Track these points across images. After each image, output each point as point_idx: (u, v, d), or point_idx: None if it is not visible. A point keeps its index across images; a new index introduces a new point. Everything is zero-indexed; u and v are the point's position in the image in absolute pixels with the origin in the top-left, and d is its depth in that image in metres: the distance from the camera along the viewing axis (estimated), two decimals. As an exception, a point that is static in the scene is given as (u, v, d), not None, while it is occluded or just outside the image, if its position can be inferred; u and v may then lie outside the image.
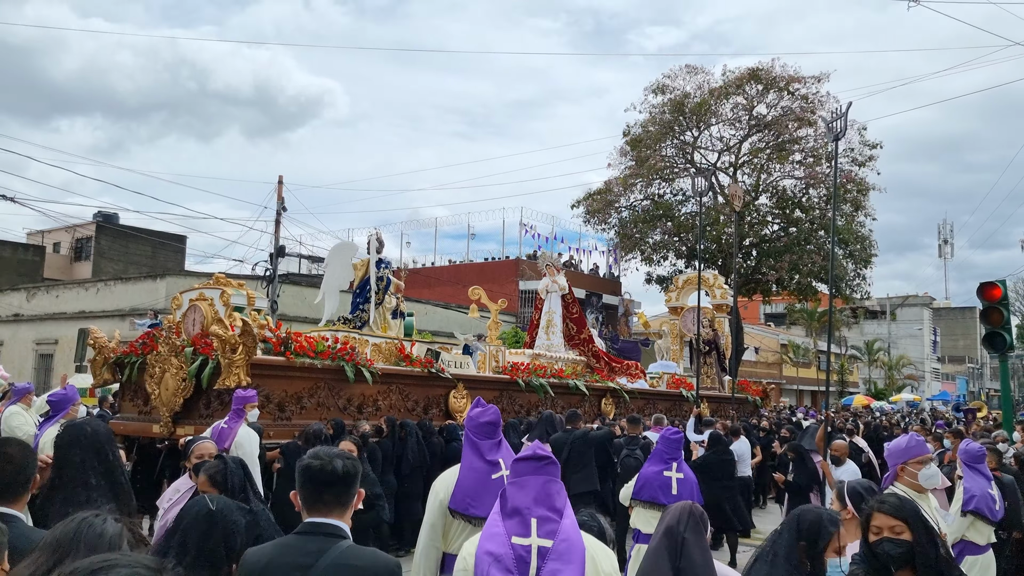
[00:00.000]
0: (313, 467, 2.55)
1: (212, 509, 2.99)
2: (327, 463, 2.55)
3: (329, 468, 2.54)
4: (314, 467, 2.55)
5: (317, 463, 2.56)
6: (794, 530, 3.05)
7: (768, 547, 3.11)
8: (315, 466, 2.55)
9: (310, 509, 2.55)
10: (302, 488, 2.57)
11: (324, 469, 2.54)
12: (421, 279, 34.38)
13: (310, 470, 2.55)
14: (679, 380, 16.15)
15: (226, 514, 3.00)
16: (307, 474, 2.55)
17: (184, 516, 3.05)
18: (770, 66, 29.59)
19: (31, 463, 3.01)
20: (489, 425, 4.02)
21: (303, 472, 2.57)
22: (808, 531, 3.02)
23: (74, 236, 38.40)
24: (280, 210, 20.83)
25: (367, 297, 11.21)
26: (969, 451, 6.31)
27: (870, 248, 30.14)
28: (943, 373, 74.01)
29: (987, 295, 11.90)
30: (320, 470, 2.54)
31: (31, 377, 24.30)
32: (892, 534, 2.96)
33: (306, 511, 2.55)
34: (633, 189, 31.12)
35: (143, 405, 9.43)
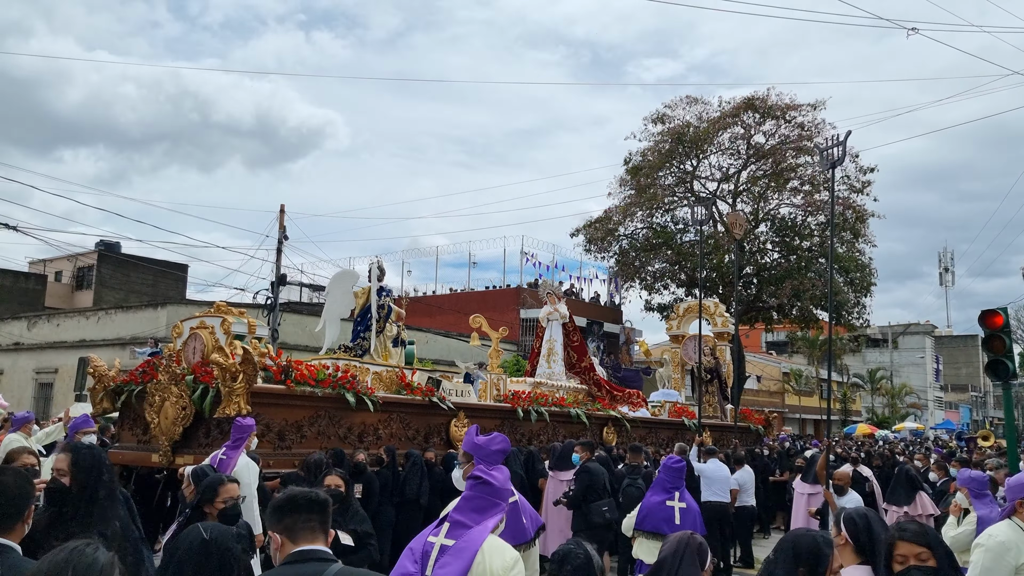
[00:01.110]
0: (298, 496, 2.66)
1: (206, 538, 2.95)
2: (309, 492, 2.70)
3: (313, 495, 2.67)
4: (299, 495, 2.66)
5: (300, 491, 2.69)
6: (791, 556, 3.00)
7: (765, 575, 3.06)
8: (299, 494, 2.67)
9: (296, 538, 2.60)
10: (286, 517, 2.62)
11: (308, 496, 2.66)
12: (422, 307, 34.36)
13: (296, 499, 2.64)
14: (681, 409, 16.07)
15: (221, 542, 2.97)
16: (293, 503, 2.64)
17: (178, 547, 3.02)
18: (766, 95, 29.87)
19: (27, 493, 2.96)
20: (500, 453, 3.92)
21: (288, 502, 2.65)
22: (808, 556, 2.97)
23: (76, 265, 38.48)
24: (282, 239, 20.89)
25: (368, 325, 11.20)
26: (975, 479, 6.29)
27: (870, 276, 30.16)
28: (946, 402, 73.68)
29: (989, 323, 11.85)
30: (305, 497, 2.65)
31: (30, 406, 24.21)
32: (918, 561, 2.92)
33: (291, 542, 2.59)
34: (633, 217, 31.25)
35: (142, 434, 9.37)
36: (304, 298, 32.42)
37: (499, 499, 3.41)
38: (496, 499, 3.39)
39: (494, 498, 3.38)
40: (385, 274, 11.81)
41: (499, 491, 3.43)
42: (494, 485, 3.41)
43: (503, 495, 3.45)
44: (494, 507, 3.35)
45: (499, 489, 3.43)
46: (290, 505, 2.63)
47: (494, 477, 3.46)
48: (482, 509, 3.34)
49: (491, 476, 3.45)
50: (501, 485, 3.45)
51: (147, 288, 36.83)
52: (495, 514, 3.33)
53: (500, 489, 3.44)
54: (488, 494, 3.39)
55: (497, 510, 3.36)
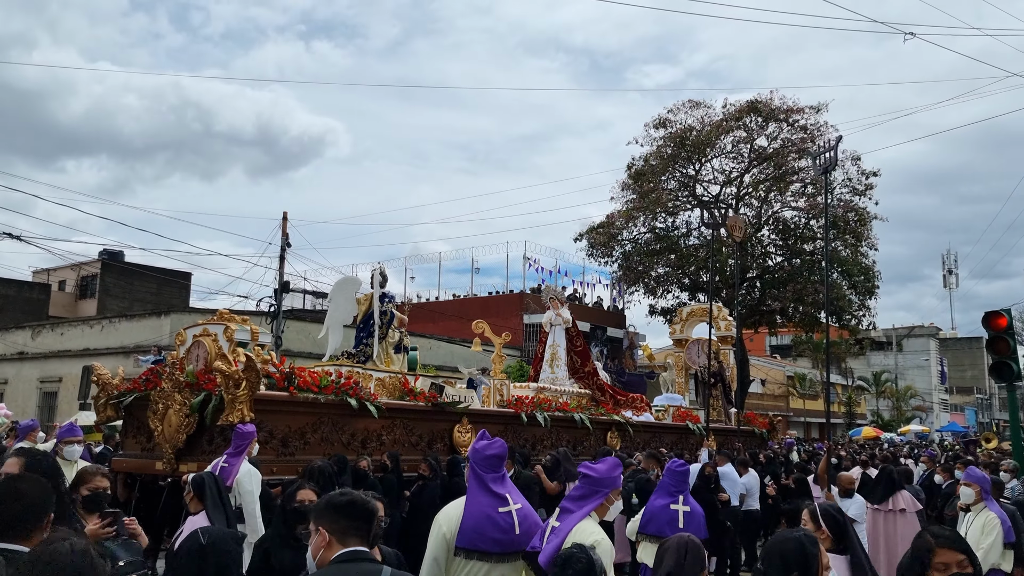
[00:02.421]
0: (358, 502, 2.81)
1: (204, 543, 2.96)
2: (367, 500, 2.84)
3: (371, 505, 2.83)
4: (359, 503, 2.81)
5: (361, 498, 2.83)
6: (779, 564, 2.99)
7: None
8: (360, 502, 2.81)
9: (347, 539, 2.71)
10: (343, 519, 2.75)
11: (367, 506, 2.81)
12: (425, 314, 34.39)
13: (355, 504, 2.79)
14: (685, 413, 16.04)
15: (219, 546, 2.98)
16: (353, 509, 2.77)
17: (178, 553, 3.03)
18: (769, 98, 29.90)
19: (46, 501, 2.96)
20: (495, 458, 4.07)
21: (348, 506, 2.78)
22: (797, 561, 2.97)
23: (79, 274, 38.57)
24: (284, 246, 20.92)
25: (371, 332, 11.20)
26: (990, 480, 6.32)
27: (873, 278, 30.10)
28: (951, 404, 73.43)
29: (992, 324, 11.85)
30: (364, 504, 2.80)
31: (35, 415, 24.24)
32: (960, 569, 2.90)
33: (339, 543, 2.71)
34: (636, 222, 31.27)
35: (146, 442, 9.37)
36: (307, 305, 32.43)
37: (600, 487, 4.00)
38: (597, 488, 4.00)
39: (596, 487, 4.00)
40: (387, 280, 11.82)
41: (600, 481, 4.01)
42: (595, 477, 4.02)
43: (604, 484, 4.01)
44: (595, 495, 3.98)
45: (600, 479, 4.02)
46: (349, 509, 2.75)
47: (596, 470, 4.06)
48: (584, 497, 3.99)
49: (593, 470, 4.06)
50: (601, 476, 4.03)
51: (151, 296, 36.90)
52: (595, 501, 3.97)
53: (600, 479, 4.02)
54: (591, 484, 4.02)
55: (597, 497, 3.98)
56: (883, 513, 8.57)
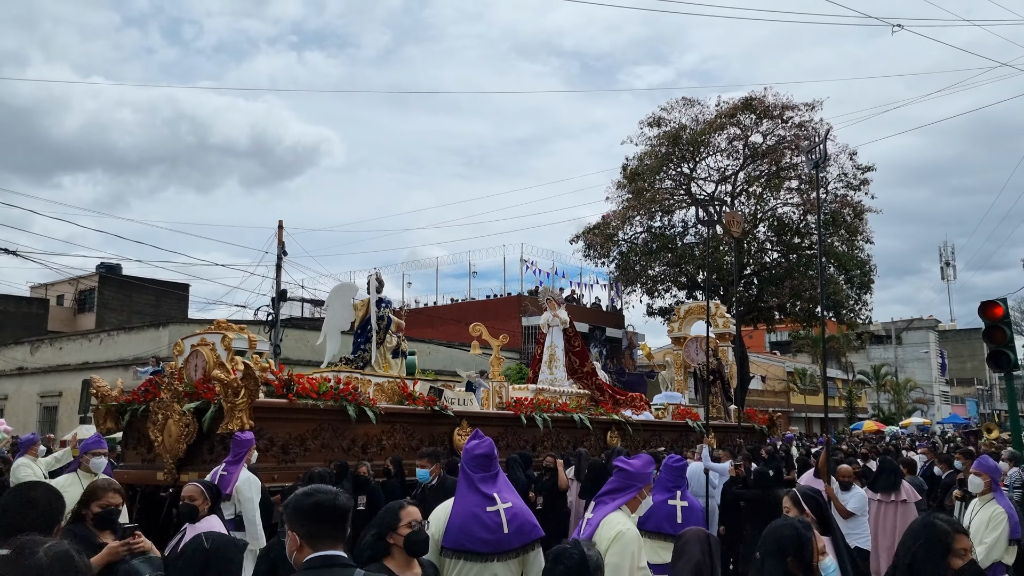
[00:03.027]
0: (325, 503, 2.64)
1: (207, 548, 2.97)
2: (334, 497, 2.67)
3: (339, 502, 2.66)
4: (326, 505, 2.64)
5: (327, 498, 2.66)
6: (775, 551, 3.04)
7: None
8: (326, 503, 2.64)
9: (317, 543, 2.60)
10: (310, 523, 2.62)
11: (335, 503, 2.65)
12: (424, 319, 34.40)
13: (322, 506, 2.63)
14: (684, 411, 16.05)
15: (222, 552, 2.99)
16: (319, 511, 2.63)
17: (180, 555, 3.03)
18: (763, 95, 29.95)
19: (57, 510, 3.05)
20: (484, 458, 4.09)
21: (315, 508, 2.63)
22: (792, 547, 3.02)
23: (77, 288, 38.57)
24: (281, 254, 20.96)
25: (368, 337, 11.22)
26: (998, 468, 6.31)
27: (870, 273, 30.14)
28: (952, 396, 73.48)
29: (988, 314, 11.89)
30: (332, 504, 2.64)
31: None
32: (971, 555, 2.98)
33: (310, 546, 2.60)
34: (632, 222, 31.31)
35: (146, 453, 9.39)
36: (306, 313, 32.45)
37: (633, 481, 4.26)
38: (631, 482, 4.26)
39: (629, 481, 4.26)
40: (384, 285, 11.84)
41: (634, 476, 4.26)
42: (629, 471, 4.28)
43: (637, 479, 4.27)
44: (628, 488, 4.24)
45: (634, 474, 4.27)
46: (316, 512, 2.63)
47: (631, 465, 4.32)
48: (617, 491, 4.25)
49: (628, 464, 4.34)
50: (635, 471, 4.28)
51: (149, 309, 36.91)
52: (628, 494, 4.23)
53: (635, 474, 4.27)
54: (625, 478, 4.28)
55: (630, 490, 4.24)
56: (886, 504, 8.60)
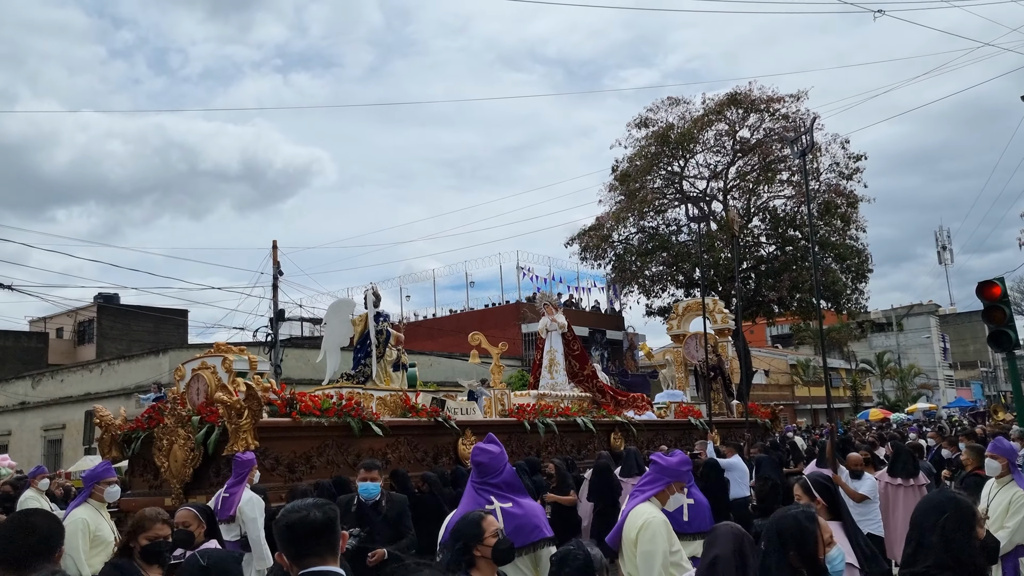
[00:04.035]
0: (296, 523, 2.53)
1: (204, 565, 2.94)
2: (307, 513, 2.55)
3: (311, 517, 2.53)
4: (297, 522, 2.53)
5: (297, 516, 2.54)
6: (777, 544, 2.92)
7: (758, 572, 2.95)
8: (298, 521, 2.53)
9: (303, 561, 2.52)
10: (288, 546, 2.54)
11: (306, 521, 2.53)
12: (423, 331, 34.42)
13: (294, 527, 2.52)
14: (687, 408, 16.05)
15: (220, 566, 2.96)
16: (292, 531, 2.52)
17: None
18: (748, 90, 30.03)
19: (57, 535, 3.03)
20: (478, 465, 4.26)
21: (287, 530, 2.54)
22: (793, 539, 2.91)
23: (76, 320, 38.55)
24: (276, 274, 20.97)
25: (368, 351, 11.23)
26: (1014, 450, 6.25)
27: (866, 261, 30.14)
28: (957, 380, 73.42)
29: (987, 294, 11.89)
30: (303, 522, 2.52)
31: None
32: None
33: (297, 566, 2.52)
34: (626, 223, 31.34)
35: (153, 479, 9.39)
36: (305, 332, 32.44)
37: (663, 476, 4.52)
38: (661, 476, 4.53)
39: (660, 475, 4.53)
40: (381, 300, 11.86)
41: (665, 470, 4.52)
42: (662, 465, 4.55)
43: (667, 473, 4.52)
44: (657, 482, 4.51)
45: (665, 468, 4.52)
46: (289, 534, 2.53)
47: (665, 460, 4.58)
48: (648, 483, 4.53)
49: (663, 459, 4.60)
50: (667, 466, 4.53)
51: (149, 336, 36.88)
52: (656, 487, 4.49)
53: (666, 468, 4.52)
54: (656, 471, 4.56)
55: (659, 484, 4.49)
56: (905, 488, 8.59)
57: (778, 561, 2.88)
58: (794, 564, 2.88)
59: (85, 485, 6.52)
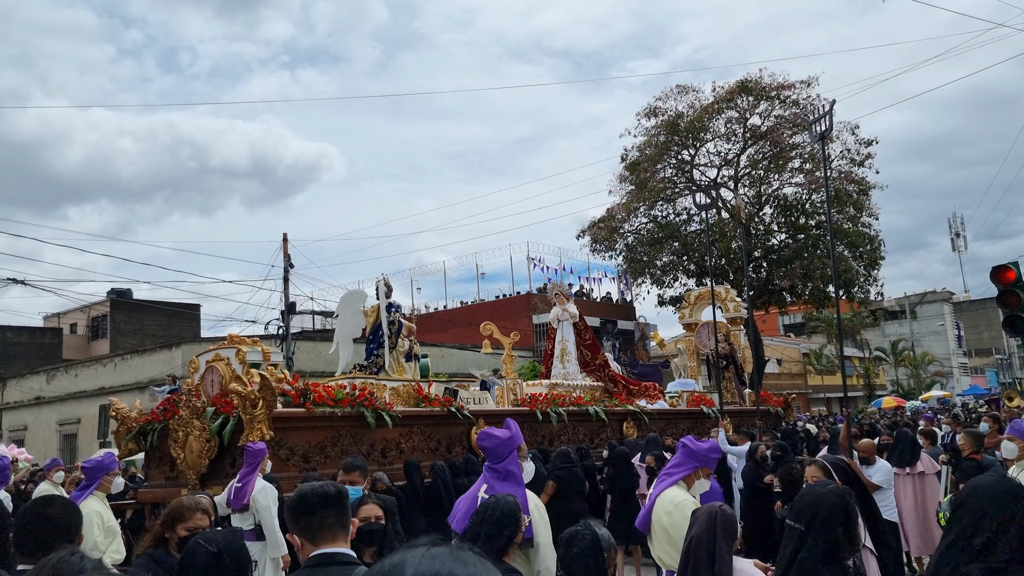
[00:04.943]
0: (308, 493, 2.56)
1: (214, 551, 2.87)
2: (320, 486, 2.59)
3: (323, 490, 2.57)
4: (309, 493, 2.56)
5: (310, 488, 2.58)
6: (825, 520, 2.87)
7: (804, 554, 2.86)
8: (310, 492, 2.56)
9: (315, 539, 2.52)
10: (301, 518, 2.55)
11: (318, 492, 2.56)
12: (434, 323, 34.46)
13: (306, 498, 2.56)
14: (699, 397, 16.02)
15: (233, 549, 2.91)
16: (304, 503, 2.55)
17: (190, 565, 2.87)
18: (759, 77, 29.83)
19: (75, 523, 3.04)
20: (482, 449, 4.49)
21: (300, 502, 2.56)
22: (844, 515, 2.89)
23: (89, 315, 38.81)
24: (287, 267, 21.05)
25: (380, 342, 11.26)
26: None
27: (879, 248, 29.96)
28: (971, 367, 72.98)
29: (1001, 278, 11.79)
30: (315, 493, 2.56)
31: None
32: None
33: (310, 544, 2.52)
34: (636, 213, 31.25)
35: (169, 471, 9.47)
36: (317, 325, 32.57)
37: (691, 460, 4.57)
38: (688, 460, 4.58)
39: (688, 459, 4.58)
40: (392, 290, 11.89)
41: (693, 454, 4.58)
42: (691, 449, 4.61)
43: (695, 457, 4.58)
44: (686, 464, 4.57)
45: (693, 452, 4.58)
46: (302, 505, 2.54)
47: (695, 444, 4.66)
48: (676, 465, 4.60)
49: (693, 443, 4.67)
50: (695, 450, 4.60)
51: (161, 331, 37.10)
52: (683, 471, 4.55)
53: (694, 452, 4.58)
54: (685, 455, 4.62)
55: (687, 467, 4.55)
56: (902, 476, 8.58)
57: (826, 538, 2.85)
58: (841, 539, 2.86)
59: (91, 476, 6.58)
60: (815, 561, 2.81)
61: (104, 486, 6.64)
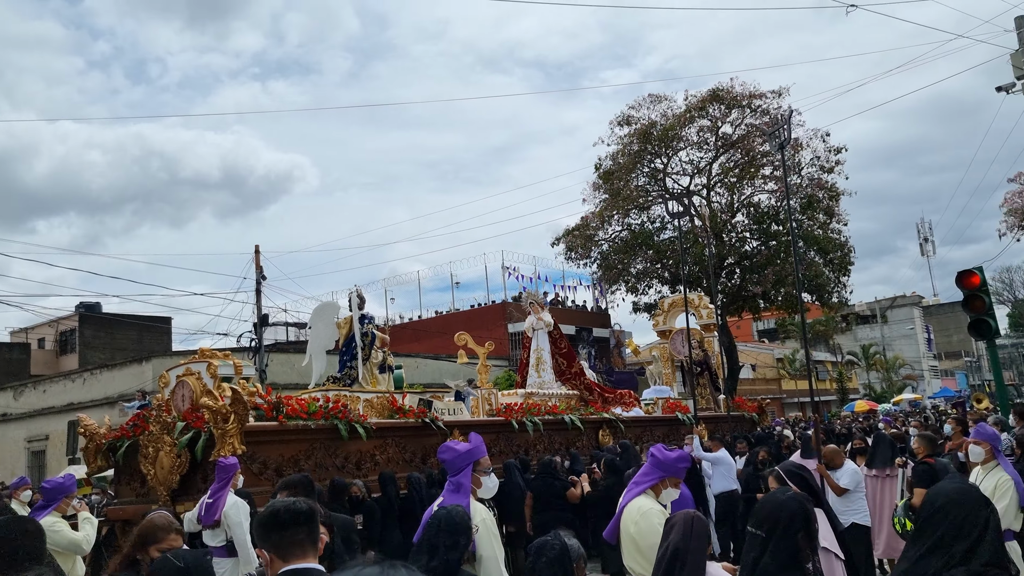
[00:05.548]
0: (280, 509, 2.55)
1: (182, 566, 2.88)
2: (292, 503, 2.58)
3: (294, 507, 2.56)
4: (281, 508, 2.55)
5: (282, 504, 2.57)
6: (785, 526, 2.92)
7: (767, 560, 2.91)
8: (282, 508, 2.55)
9: (285, 555, 2.50)
10: (272, 533, 2.53)
11: (290, 508, 2.55)
12: (409, 333, 34.37)
13: (278, 514, 2.54)
14: (674, 404, 16.11)
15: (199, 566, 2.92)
16: (276, 518, 2.54)
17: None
18: (730, 86, 30.17)
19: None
20: (441, 462, 4.62)
21: (271, 518, 2.55)
22: (804, 521, 2.94)
23: (58, 330, 38.19)
24: (259, 279, 20.88)
25: (354, 354, 11.21)
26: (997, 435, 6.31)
27: (848, 254, 30.37)
28: (941, 370, 74.06)
29: (966, 283, 12.06)
30: (287, 509, 2.55)
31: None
32: None
33: (280, 560, 2.50)
34: (610, 221, 31.41)
35: (140, 487, 9.34)
36: (290, 336, 32.32)
37: (658, 470, 4.56)
38: (658, 469, 4.56)
39: (655, 468, 4.57)
40: (365, 302, 11.84)
41: (660, 464, 4.57)
42: (658, 459, 4.59)
43: (662, 467, 4.56)
44: (653, 473, 4.55)
45: (660, 462, 4.56)
46: (273, 521, 2.52)
47: (662, 454, 4.62)
48: (644, 475, 4.58)
49: (660, 453, 4.64)
50: (662, 460, 4.57)
51: (132, 345, 36.57)
52: (650, 480, 4.53)
53: (661, 462, 4.56)
54: (652, 465, 4.60)
55: (655, 476, 4.54)
56: (882, 479, 8.69)
57: (787, 544, 2.90)
58: (801, 544, 2.91)
59: (50, 497, 6.54)
60: (777, 567, 2.85)
61: (62, 508, 6.59)
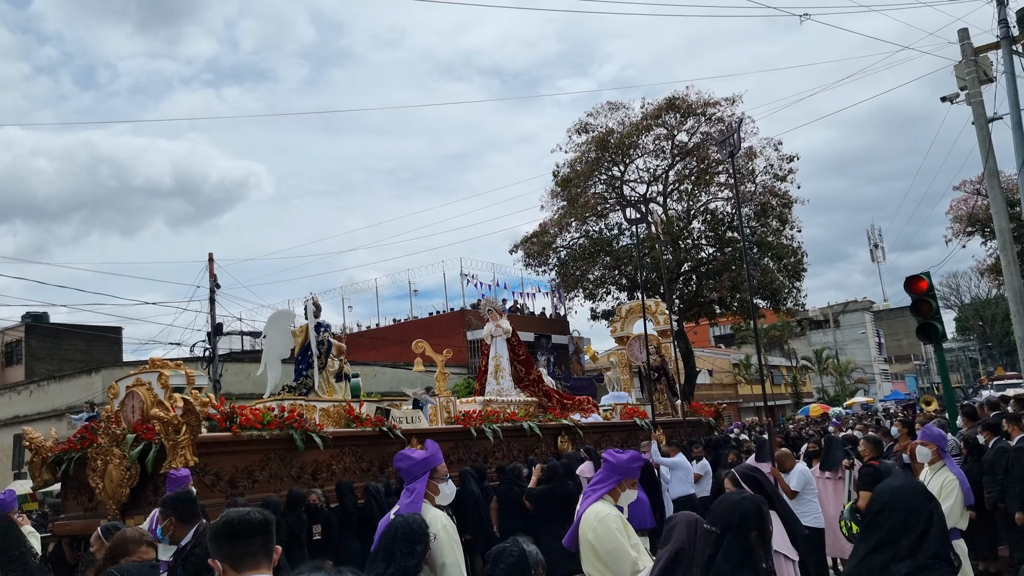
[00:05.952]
0: (234, 519, 2.52)
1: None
2: (246, 513, 2.54)
3: (249, 517, 2.53)
4: (235, 519, 2.52)
5: (237, 514, 2.53)
6: (738, 525, 2.99)
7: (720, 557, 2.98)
8: (236, 518, 2.52)
9: (239, 566, 2.46)
10: (226, 544, 2.50)
11: (245, 518, 2.52)
12: (367, 342, 34.10)
13: (232, 524, 2.50)
14: (632, 410, 16.21)
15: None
16: (231, 529, 2.50)
17: None
18: (685, 94, 30.58)
19: None
20: (397, 470, 4.58)
21: (226, 528, 2.51)
22: (756, 520, 3.01)
23: (3, 340, 37.06)
24: (213, 287, 20.54)
25: (309, 363, 11.07)
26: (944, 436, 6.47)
27: (801, 260, 30.94)
28: (892, 373, 75.81)
29: (914, 288, 12.37)
30: (242, 519, 2.51)
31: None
32: None
33: (233, 571, 2.46)
34: (568, 228, 31.57)
35: (88, 501, 9.10)
36: (245, 346, 31.81)
37: (613, 473, 4.52)
38: (611, 474, 4.53)
39: (610, 473, 4.53)
40: (321, 310, 11.71)
41: (615, 468, 4.54)
42: (612, 463, 4.56)
43: (618, 471, 4.53)
44: (608, 480, 4.52)
45: (615, 466, 4.54)
46: (227, 531, 2.49)
47: (615, 458, 4.60)
48: (600, 482, 4.56)
49: (614, 457, 4.63)
50: (617, 463, 4.53)
51: (81, 355, 35.60)
52: (607, 485, 4.50)
53: (616, 466, 4.53)
54: (607, 470, 4.57)
55: (609, 482, 4.51)
56: (834, 481, 8.85)
57: (739, 542, 2.97)
58: (754, 544, 2.97)
59: None
60: (731, 565, 2.91)
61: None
